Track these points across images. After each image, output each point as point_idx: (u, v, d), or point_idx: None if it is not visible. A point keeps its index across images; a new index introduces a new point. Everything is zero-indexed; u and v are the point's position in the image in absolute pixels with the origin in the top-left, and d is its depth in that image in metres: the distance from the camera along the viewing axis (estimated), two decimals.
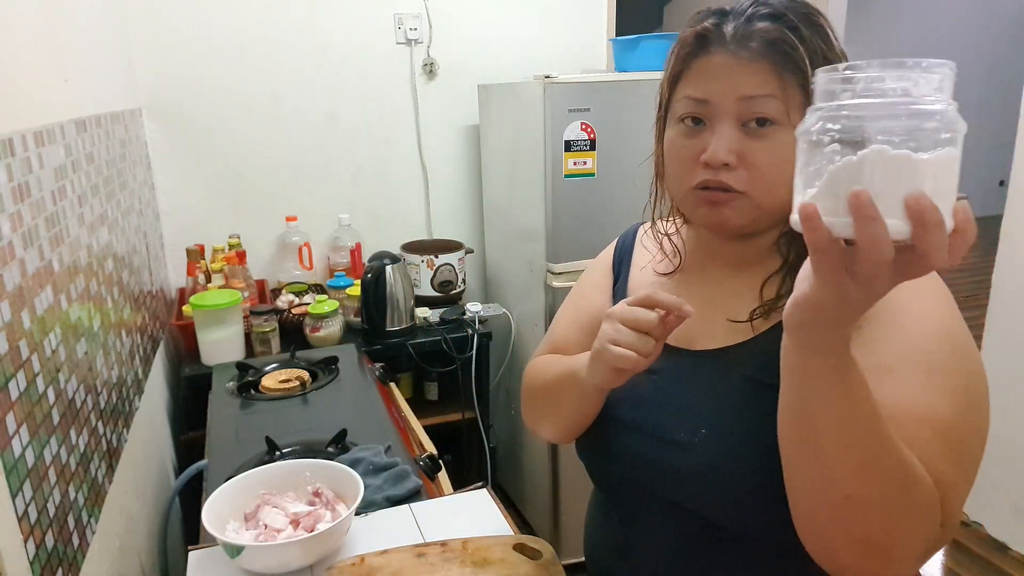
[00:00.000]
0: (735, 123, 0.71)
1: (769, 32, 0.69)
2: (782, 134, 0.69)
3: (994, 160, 6.55)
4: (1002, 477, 2.28)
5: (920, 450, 0.60)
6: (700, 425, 0.74)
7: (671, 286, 0.86)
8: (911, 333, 0.66)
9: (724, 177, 0.71)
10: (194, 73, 2.20)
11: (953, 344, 0.66)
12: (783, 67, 0.68)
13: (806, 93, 0.67)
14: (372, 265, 2.01)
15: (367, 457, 1.15)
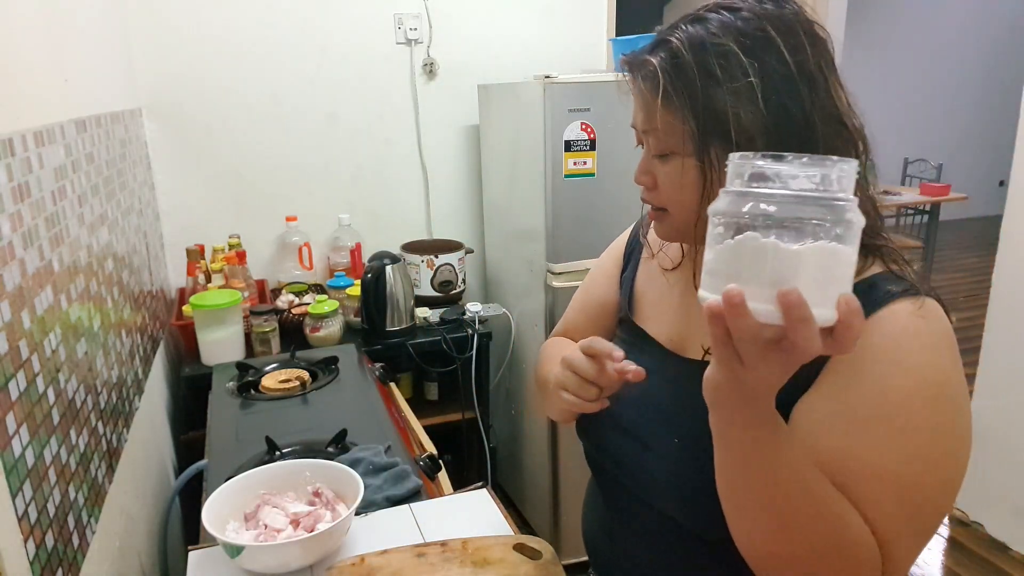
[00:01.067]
0: (648, 148, 0.75)
1: (645, 65, 0.71)
2: (676, 161, 0.72)
3: (994, 160, 6.57)
4: (1002, 477, 2.28)
5: (871, 508, 0.62)
6: (675, 434, 0.76)
7: (672, 283, 0.87)
8: (885, 387, 0.64)
9: (644, 195, 0.77)
10: (194, 73, 2.20)
11: (930, 400, 0.64)
12: (653, 101, 0.70)
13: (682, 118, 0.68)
14: (372, 265, 2.01)
15: (367, 457, 1.15)
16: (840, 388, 0.66)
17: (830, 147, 0.67)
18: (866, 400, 0.65)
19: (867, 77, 6.18)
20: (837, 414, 0.65)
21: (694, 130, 0.68)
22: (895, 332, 0.65)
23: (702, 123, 0.67)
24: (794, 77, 0.67)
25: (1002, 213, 2.18)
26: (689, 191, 0.71)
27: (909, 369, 0.64)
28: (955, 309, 2.54)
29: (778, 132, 0.67)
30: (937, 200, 4.05)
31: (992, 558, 2.25)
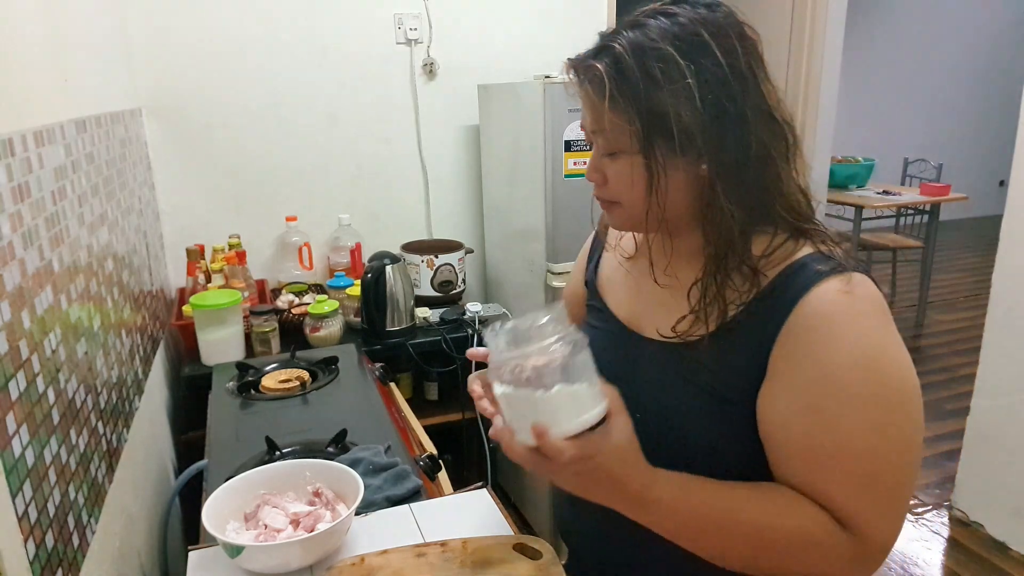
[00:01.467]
0: (597, 146, 0.80)
1: (591, 70, 0.75)
2: (624, 159, 0.77)
3: (994, 160, 6.56)
4: (1002, 477, 2.28)
5: (834, 487, 0.69)
6: (636, 410, 0.78)
7: (628, 269, 0.93)
8: (824, 366, 0.69)
9: (597, 192, 0.83)
10: (194, 73, 2.20)
11: (868, 370, 0.69)
12: (600, 103, 0.75)
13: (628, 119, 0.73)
14: (372, 265, 2.01)
15: (367, 457, 1.15)
16: (789, 375, 0.71)
17: (761, 140, 0.74)
18: (811, 383, 0.70)
19: (867, 77, 6.18)
20: (794, 404, 0.71)
21: (639, 130, 0.73)
22: (826, 310, 0.70)
23: (646, 123, 0.73)
24: (728, 77, 0.72)
25: (1002, 213, 2.18)
26: (637, 186, 0.76)
27: (843, 344, 0.69)
28: (955, 309, 2.59)
29: (715, 128, 0.72)
30: (937, 200, 4.05)
31: (992, 558, 2.25)
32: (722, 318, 0.76)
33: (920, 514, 2.49)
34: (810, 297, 0.71)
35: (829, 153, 3.31)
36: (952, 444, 2.66)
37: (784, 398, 0.72)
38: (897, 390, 0.70)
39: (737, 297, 0.75)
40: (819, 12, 2.94)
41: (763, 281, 0.75)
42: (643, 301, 0.88)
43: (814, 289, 0.71)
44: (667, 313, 0.82)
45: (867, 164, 4.32)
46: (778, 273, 0.75)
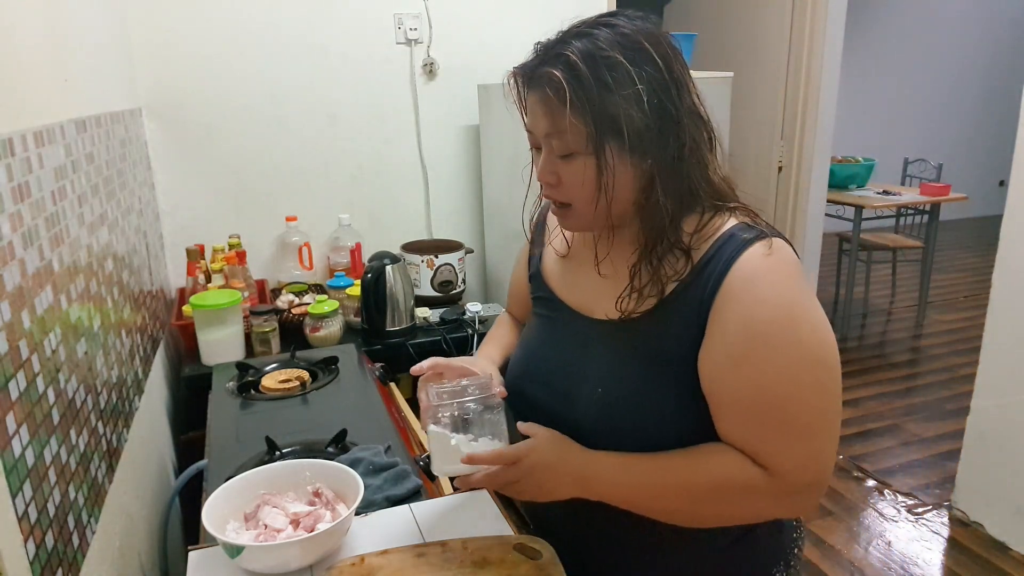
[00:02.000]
0: (550, 150, 0.84)
1: (548, 77, 0.80)
2: (578, 160, 0.82)
3: (994, 160, 6.57)
4: (1002, 477, 2.28)
5: (755, 432, 0.79)
6: (597, 385, 0.88)
7: (565, 265, 1.01)
8: (748, 323, 0.78)
9: (549, 193, 0.88)
10: (194, 73, 2.20)
11: (787, 322, 0.78)
12: (558, 107, 0.79)
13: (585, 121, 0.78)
14: (372, 265, 2.01)
15: (367, 457, 1.15)
16: (720, 333, 0.80)
17: (693, 137, 0.82)
18: (737, 339, 0.79)
19: (867, 77, 6.18)
20: (723, 361, 0.80)
21: (593, 132, 0.79)
22: (750, 273, 0.79)
23: (600, 126, 0.79)
24: (667, 82, 0.80)
25: (1002, 213, 2.18)
26: (589, 185, 0.82)
27: (765, 302, 0.78)
28: (955, 309, 2.60)
29: (658, 129, 0.79)
30: (937, 200, 4.05)
31: (992, 558, 2.25)
32: (661, 293, 0.84)
33: (920, 514, 2.49)
34: (737, 264, 0.80)
35: (829, 153, 3.31)
36: (952, 444, 2.67)
37: (716, 354, 0.81)
38: (812, 342, 0.78)
39: (674, 274, 0.84)
40: (819, 12, 2.94)
41: (696, 256, 0.83)
42: (590, 287, 0.95)
43: (741, 255, 0.80)
44: (613, 296, 0.89)
45: (867, 164, 4.32)
46: (710, 245, 0.83)
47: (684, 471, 0.82)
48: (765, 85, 3.18)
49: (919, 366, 3.70)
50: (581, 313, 0.95)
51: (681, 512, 0.85)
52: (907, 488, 2.63)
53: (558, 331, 0.98)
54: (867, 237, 4.27)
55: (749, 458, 0.80)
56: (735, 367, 0.79)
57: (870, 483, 2.67)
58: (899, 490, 2.63)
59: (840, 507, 2.53)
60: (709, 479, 0.81)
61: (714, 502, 0.83)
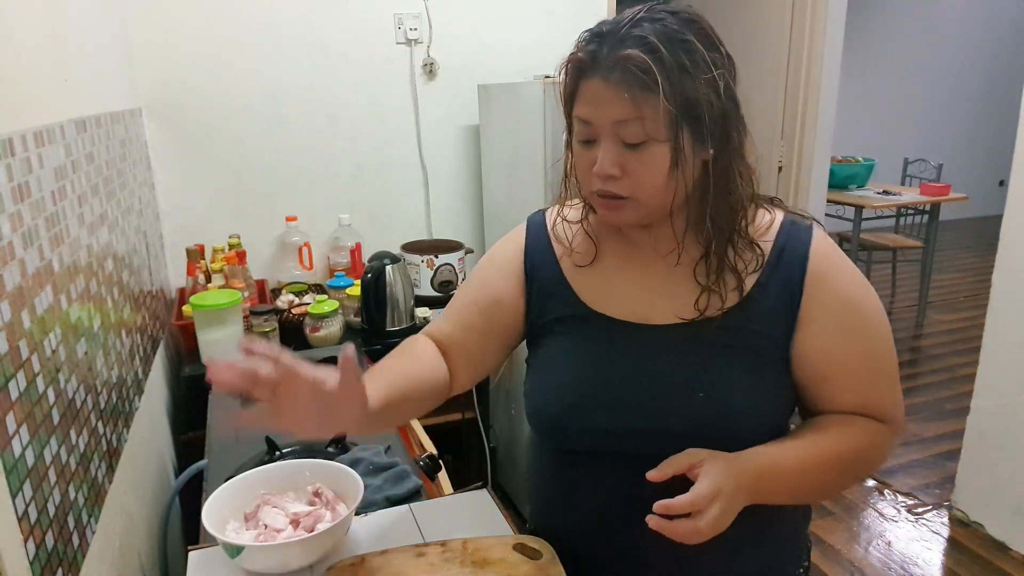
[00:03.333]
0: (614, 140, 0.80)
1: (630, 59, 0.75)
2: (653, 146, 0.78)
3: (994, 160, 6.56)
4: (1002, 477, 2.28)
5: (868, 390, 0.87)
6: (697, 391, 0.85)
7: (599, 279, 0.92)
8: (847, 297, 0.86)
9: (610, 187, 0.82)
10: (194, 73, 2.20)
11: (864, 285, 0.87)
12: (641, 91, 0.76)
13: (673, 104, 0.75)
14: (372, 265, 2.01)
15: (367, 457, 1.15)
16: (821, 314, 0.85)
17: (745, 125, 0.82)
18: (837, 313, 0.85)
19: (867, 77, 6.18)
20: (831, 334, 0.85)
21: (674, 117, 0.76)
22: (827, 254, 0.86)
23: (683, 111, 0.76)
24: (728, 69, 0.79)
25: (1002, 213, 2.18)
26: (660, 175, 0.80)
27: (846, 275, 0.87)
28: (955, 309, 2.60)
29: (725, 118, 0.79)
30: (937, 200, 4.05)
31: (992, 558, 2.25)
32: (741, 287, 0.85)
33: (920, 514, 2.49)
34: (814, 248, 0.86)
35: (829, 153, 3.31)
36: (952, 444, 2.67)
37: (822, 334, 0.85)
38: (874, 294, 0.88)
39: (746, 266, 0.85)
40: (819, 12, 2.94)
41: (765, 247, 0.86)
42: (640, 294, 0.90)
43: (813, 241, 0.86)
44: (675, 297, 0.88)
45: (867, 164, 4.32)
46: (775, 236, 0.87)
47: (832, 446, 0.84)
48: (765, 85, 3.18)
49: (919, 366, 3.70)
50: (635, 323, 0.88)
51: (830, 486, 0.91)
52: (907, 488, 2.63)
53: (612, 347, 0.88)
54: (867, 237, 4.26)
55: (869, 418, 0.86)
56: (848, 339, 0.85)
57: (870, 483, 2.67)
58: (899, 490, 2.63)
59: (840, 507, 2.53)
60: (853, 446, 0.85)
61: (856, 467, 0.87)
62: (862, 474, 0.92)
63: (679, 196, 0.82)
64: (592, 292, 0.92)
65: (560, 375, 0.90)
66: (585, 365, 0.89)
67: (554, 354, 0.92)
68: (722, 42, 0.80)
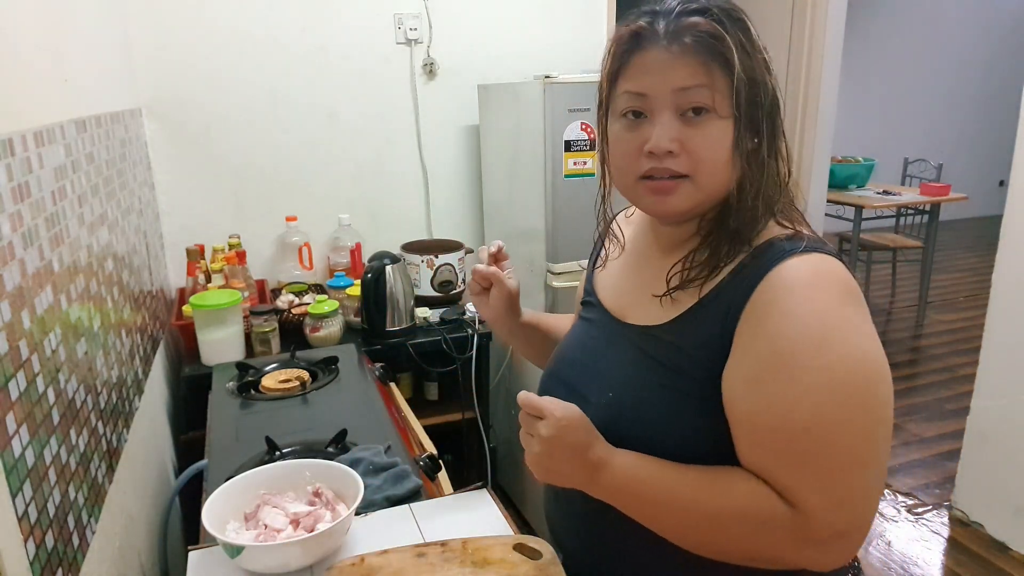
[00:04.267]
0: (673, 113, 0.75)
1: (697, 26, 0.73)
2: (714, 120, 0.74)
3: (994, 160, 6.56)
4: (1002, 477, 2.28)
5: (773, 463, 0.69)
6: (609, 389, 0.84)
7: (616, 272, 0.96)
8: (774, 340, 0.70)
9: (669, 163, 0.75)
10: (194, 73, 2.20)
11: (821, 349, 0.68)
12: (710, 58, 0.73)
13: (731, 81, 0.73)
14: (372, 265, 2.01)
15: (367, 457, 1.15)
16: (744, 351, 0.72)
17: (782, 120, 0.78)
18: (760, 358, 0.70)
19: (867, 77, 6.18)
20: (744, 379, 0.71)
21: (737, 90, 0.73)
22: (783, 285, 0.71)
23: (744, 86, 0.73)
24: (760, 50, 0.76)
25: (1002, 213, 2.18)
26: (722, 150, 0.75)
27: (795, 317, 0.69)
28: (955, 309, 2.60)
29: (774, 106, 0.76)
30: (937, 200, 4.05)
31: (992, 558, 2.25)
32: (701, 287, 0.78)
33: (920, 514, 2.49)
34: (771, 275, 0.72)
35: (829, 153, 3.31)
36: (952, 444, 2.67)
37: (736, 370, 0.72)
38: (844, 369, 0.67)
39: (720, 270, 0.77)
40: (819, 12, 2.94)
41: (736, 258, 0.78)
42: (630, 291, 0.91)
43: (777, 266, 0.72)
44: (650, 301, 0.85)
45: (867, 164, 4.32)
46: (752, 251, 0.76)
47: (704, 487, 0.72)
48: None
49: (919, 366, 3.70)
50: (615, 317, 0.91)
51: (694, 534, 0.74)
52: (907, 488, 2.63)
53: (590, 333, 0.94)
54: (867, 237, 4.27)
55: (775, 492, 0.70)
56: (754, 385, 0.70)
57: None
58: (899, 490, 2.63)
59: None
60: (730, 502, 0.70)
61: (731, 530, 0.71)
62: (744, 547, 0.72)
63: (731, 183, 0.77)
64: (604, 284, 0.97)
65: (556, 350, 1.00)
66: (569, 343, 0.98)
67: (567, 333, 1.02)
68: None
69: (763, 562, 0.73)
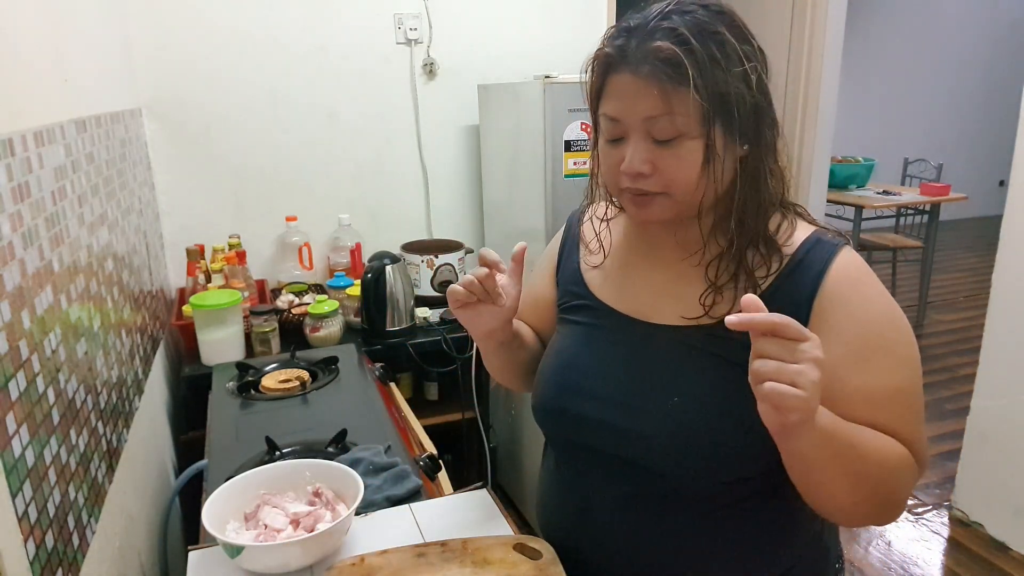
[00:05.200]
0: (646, 136, 0.78)
1: (660, 51, 0.74)
2: (685, 141, 0.76)
3: (994, 160, 6.56)
4: (1002, 477, 2.28)
5: (895, 422, 0.77)
6: (674, 394, 0.82)
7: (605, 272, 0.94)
8: (866, 322, 0.79)
9: (641, 184, 0.79)
10: (194, 73, 2.20)
11: (894, 321, 0.80)
12: (674, 85, 0.74)
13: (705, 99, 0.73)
14: (372, 265, 2.01)
15: (367, 457, 1.15)
16: (837, 336, 0.77)
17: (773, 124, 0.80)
18: (857, 339, 0.78)
19: (867, 77, 6.18)
20: (844, 359, 0.77)
21: (706, 111, 0.74)
22: (852, 277, 0.80)
23: (715, 106, 0.74)
24: (760, 63, 0.77)
25: (1002, 213, 2.18)
26: (692, 171, 0.77)
27: (873, 300, 0.80)
28: (955, 309, 2.60)
29: (757, 114, 0.77)
30: (937, 200, 4.05)
31: (992, 558, 2.25)
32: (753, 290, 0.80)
33: (920, 514, 2.49)
34: (835, 267, 0.79)
35: (829, 153, 3.31)
36: (952, 444, 2.67)
37: (835, 354, 0.75)
38: (908, 332, 0.80)
39: (765, 271, 0.81)
40: (819, 12, 2.94)
41: (783, 258, 0.81)
42: (645, 291, 0.89)
43: (835, 260, 0.80)
44: (683, 298, 0.85)
45: (867, 164, 4.32)
46: (798, 248, 0.82)
47: (875, 440, 0.75)
48: None
49: None
50: (637, 319, 0.88)
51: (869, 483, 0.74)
52: None
53: (608, 338, 0.90)
54: (867, 237, 4.27)
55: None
56: (861, 364, 0.77)
57: None
58: None
59: None
60: (894, 452, 0.76)
61: (895, 477, 0.76)
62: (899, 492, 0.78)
63: (711, 194, 0.79)
64: (604, 287, 0.94)
65: (557, 361, 0.94)
66: (580, 353, 0.92)
67: (561, 341, 0.96)
68: (753, 35, 0.78)
69: (902, 503, 0.80)
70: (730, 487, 0.82)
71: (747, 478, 0.81)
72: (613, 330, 0.90)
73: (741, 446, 0.78)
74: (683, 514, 0.84)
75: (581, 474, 0.91)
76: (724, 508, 0.83)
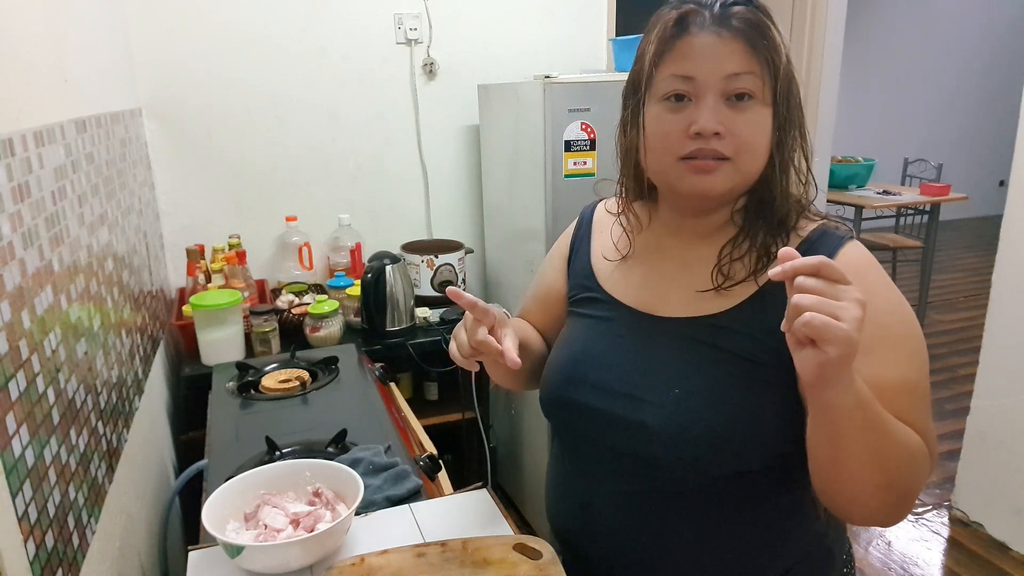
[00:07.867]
0: (720, 97, 0.78)
1: (745, 14, 0.77)
2: (757, 106, 0.78)
3: (994, 160, 6.57)
4: (1002, 477, 2.28)
5: (907, 414, 0.75)
6: (672, 386, 0.82)
7: (616, 267, 0.95)
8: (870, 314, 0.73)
9: (715, 145, 0.78)
10: (194, 73, 2.20)
11: (900, 313, 0.79)
12: (757, 46, 0.77)
13: (770, 70, 0.77)
14: (372, 265, 2.01)
15: (367, 457, 1.15)
16: None
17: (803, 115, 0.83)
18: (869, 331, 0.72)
19: (867, 77, 6.18)
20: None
21: (779, 79, 0.78)
22: (858, 268, 0.79)
23: (781, 74, 0.78)
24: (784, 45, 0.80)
25: (1002, 213, 2.18)
26: (763, 135, 0.79)
27: (878, 296, 0.77)
28: (955, 309, 2.60)
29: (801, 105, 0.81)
30: (937, 200, 4.05)
31: (992, 558, 2.25)
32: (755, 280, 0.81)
33: (920, 514, 2.49)
34: (840, 258, 0.79)
35: (829, 153, 3.31)
36: (952, 444, 2.66)
37: None
38: (916, 325, 0.80)
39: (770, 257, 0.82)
40: (819, 12, 2.94)
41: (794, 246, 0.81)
42: (653, 285, 0.90)
43: (841, 251, 0.80)
44: (689, 291, 0.86)
45: (867, 164, 4.32)
46: (804, 238, 0.83)
47: (899, 424, 0.73)
48: None
49: None
50: (643, 311, 0.89)
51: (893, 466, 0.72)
52: None
53: (615, 331, 0.91)
54: (867, 237, 4.26)
55: None
56: (868, 356, 0.73)
57: None
58: None
59: None
60: (915, 440, 0.75)
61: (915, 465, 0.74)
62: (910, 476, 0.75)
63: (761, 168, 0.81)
64: (612, 279, 0.95)
65: (565, 352, 0.94)
66: (585, 345, 0.92)
67: (570, 333, 0.97)
68: None
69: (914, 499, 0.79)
70: (731, 482, 0.82)
71: (747, 472, 0.81)
72: (620, 323, 0.91)
73: (741, 437, 0.78)
74: (684, 510, 0.84)
75: (584, 470, 0.92)
76: (725, 505, 0.84)
